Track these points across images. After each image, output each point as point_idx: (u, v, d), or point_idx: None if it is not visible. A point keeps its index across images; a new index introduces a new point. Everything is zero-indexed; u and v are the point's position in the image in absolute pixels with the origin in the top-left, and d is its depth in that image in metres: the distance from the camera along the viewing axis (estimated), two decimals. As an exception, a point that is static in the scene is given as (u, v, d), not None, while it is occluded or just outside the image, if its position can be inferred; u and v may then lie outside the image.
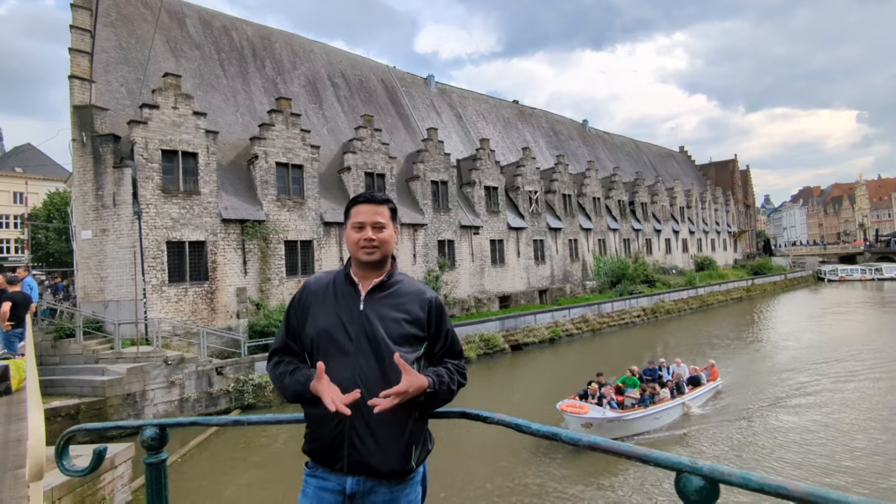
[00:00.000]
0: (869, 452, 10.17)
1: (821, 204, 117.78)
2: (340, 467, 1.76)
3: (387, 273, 1.92)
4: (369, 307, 1.84)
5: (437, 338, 1.91)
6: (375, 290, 1.87)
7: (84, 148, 15.80)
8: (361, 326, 1.81)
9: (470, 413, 1.91)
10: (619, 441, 1.47)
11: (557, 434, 1.57)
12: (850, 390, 14.55)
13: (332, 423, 1.75)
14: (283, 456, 11.18)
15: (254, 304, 17.96)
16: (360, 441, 1.74)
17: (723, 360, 18.38)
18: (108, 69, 17.94)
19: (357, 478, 1.75)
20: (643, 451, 1.40)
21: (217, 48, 22.67)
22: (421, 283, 2.03)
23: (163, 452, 2.12)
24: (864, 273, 54.95)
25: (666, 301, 32.17)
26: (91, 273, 15.85)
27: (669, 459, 1.34)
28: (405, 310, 1.86)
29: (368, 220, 1.87)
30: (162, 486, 2.09)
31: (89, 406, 12.52)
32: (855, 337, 23.19)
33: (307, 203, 19.97)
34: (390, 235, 1.89)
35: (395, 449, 1.76)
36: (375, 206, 1.89)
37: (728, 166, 61.57)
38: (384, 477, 1.76)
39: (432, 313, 1.90)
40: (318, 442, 1.81)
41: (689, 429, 12.14)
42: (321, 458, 1.81)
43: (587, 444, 1.50)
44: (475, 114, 35.69)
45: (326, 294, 1.89)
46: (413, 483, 1.84)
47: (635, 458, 1.41)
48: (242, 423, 2.21)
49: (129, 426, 2.38)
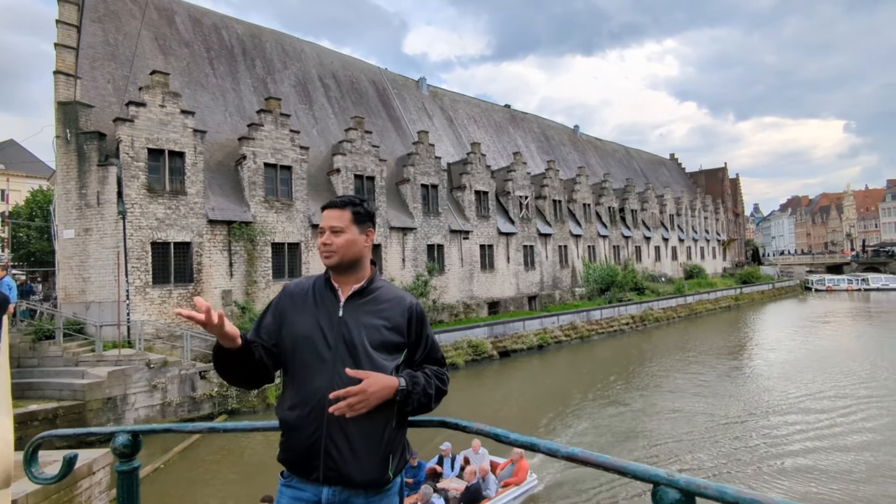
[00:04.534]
0: (855, 471, 10.17)
1: (809, 213, 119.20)
2: (316, 477, 1.69)
3: (367, 279, 1.88)
4: (348, 313, 1.80)
5: (418, 345, 1.87)
6: (355, 296, 1.84)
7: (68, 145, 15.56)
8: (340, 333, 1.76)
9: (449, 422, 1.87)
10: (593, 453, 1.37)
11: (535, 444, 1.49)
12: (840, 413, 14.42)
13: (307, 430, 1.69)
14: (262, 464, 11.00)
15: (240, 307, 17.74)
16: (336, 450, 1.67)
17: (707, 373, 18.44)
18: (94, 65, 17.71)
19: (333, 488, 1.69)
20: (620, 462, 1.32)
21: (206, 46, 22.49)
22: (401, 289, 1.98)
23: (135, 460, 2.04)
24: (850, 283, 55.55)
25: (655, 309, 32.27)
26: (73, 273, 15.57)
27: (647, 472, 1.27)
28: (385, 316, 1.82)
29: (326, 225, 1.86)
30: (134, 495, 2.01)
31: (68, 410, 12.25)
32: (846, 352, 23.34)
33: (295, 205, 19.81)
34: (348, 240, 1.84)
35: (373, 458, 1.70)
36: (335, 211, 1.87)
37: (718, 174, 62.13)
38: (361, 487, 1.69)
39: (413, 320, 1.86)
40: (292, 451, 1.73)
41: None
42: (296, 467, 1.74)
43: (564, 454, 1.42)
44: (467, 117, 35.73)
45: (306, 299, 1.86)
46: (391, 494, 1.77)
47: (613, 470, 1.33)
48: (218, 430, 2.13)
49: (100, 433, 2.27)
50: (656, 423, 13.16)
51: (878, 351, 21.70)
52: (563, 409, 14.01)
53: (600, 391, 16.36)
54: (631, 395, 15.98)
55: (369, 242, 1.91)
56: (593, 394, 16.11)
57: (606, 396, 15.75)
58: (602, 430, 12.58)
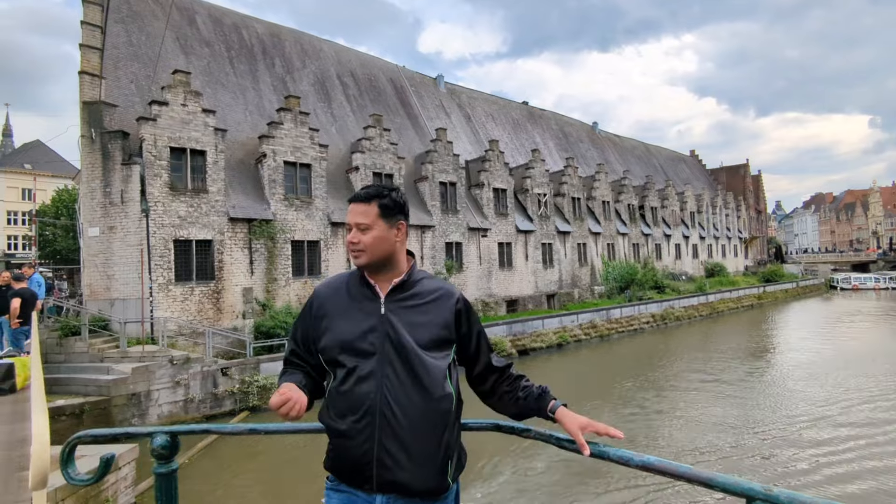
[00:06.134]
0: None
1: (833, 210, 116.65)
2: (370, 487, 1.59)
3: (406, 273, 1.74)
4: (391, 311, 1.67)
5: (469, 338, 1.75)
6: (395, 292, 1.71)
7: (93, 144, 15.75)
8: (385, 333, 1.64)
9: (504, 426, 1.74)
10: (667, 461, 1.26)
11: (604, 453, 1.38)
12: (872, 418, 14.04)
13: (358, 439, 1.58)
14: (286, 464, 11.01)
15: (260, 304, 17.83)
16: (390, 458, 1.56)
17: (730, 374, 18.05)
18: (117, 65, 17.92)
19: (388, 496, 1.59)
20: (705, 474, 1.21)
21: (227, 46, 22.64)
22: (443, 280, 1.84)
23: (174, 462, 1.98)
24: (878, 282, 54.18)
25: (675, 308, 31.78)
26: (98, 270, 15.77)
27: (739, 485, 1.15)
28: (431, 311, 1.69)
29: (352, 221, 1.73)
30: (173, 497, 1.94)
31: (93, 405, 12.40)
32: (877, 353, 22.74)
33: (315, 203, 19.85)
34: (376, 237, 1.69)
35: (431, 466, 1.59)
36: (361, 205, 1.72)
37: (739, 171, 61.02)
38: (418, 496, 1.59)
39: (462, 313, 1.73)
40: (342, 460, 1.64)
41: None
42: (346, 476, 1.64)
43: (638, 463, 1.31)
44: (484, 115, 35.53)
45: (340, 299, 1.73)
46: (448, 500, 1.67)
47: (697, 482, 1.21)
48: (259, 431, 2.06)
49: (138, 433, 2.22)
50: (677, 426, 12.90)
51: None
52: (578, 408, 13.80)
53: (620, 391, 16.13)
54: (651, 395, 15.72)
55: (401, 237, 1.76)
56: (612, 393, 15.89)
57: (626, 396, 15.52)
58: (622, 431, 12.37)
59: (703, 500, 8.48)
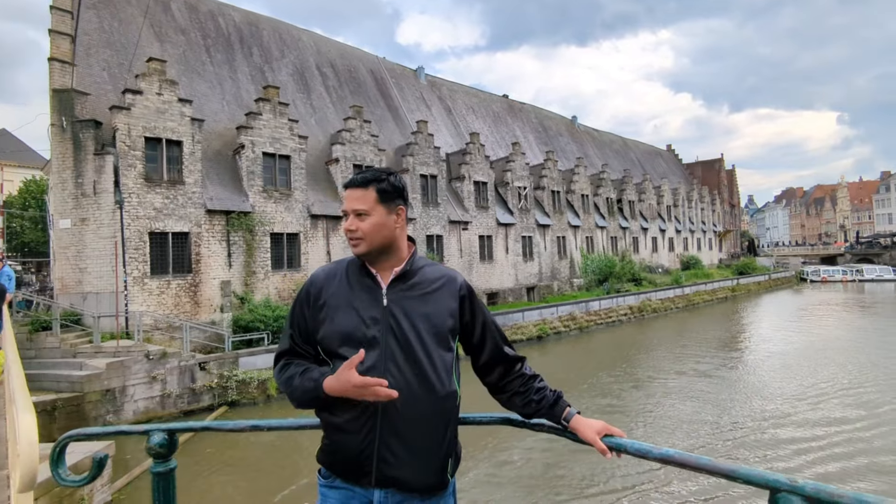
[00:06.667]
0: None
1: (803, 205, 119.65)
2: (368, 482, 1.54)
3: (407, 260, 1.66)
4: (394, 302, 1.60)
5: (474, 325, 1.69)
6: (398, 281, 1.63)
7: (63, 133, 15.26)
8: (388, 325, 1.57)
9: (515, 420, 1.69)
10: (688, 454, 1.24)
11: (622, 445, 1.35)
12: (835, 400, 14.55)
13: (359, 434, 1.52)
14: (265, 456, 10.90)
15: (238, 297, 17.56)
16: (391, 454, 1.51)
17: (706, 364, 18.42)
18: (89, 52, 17.37)
19: (386, 490, 1.53)
20: (727, 465, 1.19)
21: (203, 34, 22.12)
22: (446, 266, 1.77)
23: (172, 460, 1.89)
24: (845, 274, 55.80)
25: (652, 300, 32.28)
26: (69, 263, 15.34)
27: (763, 477, 1.14)
28: (435, 300, 1.62)
29: (349, 208, 1.64)
30: (171, 498, 1.86)
31: (66, 402, 12.08)
32: (843, 343, 23.43)
33: (294, 195, 19.58)
34: (375, 224, 1.61)
35: (433, 462, 1.55)
36: (357, 190, 1.63)
37: (714, 166, 62.11)
38: (418, 492, 1.54)
39: (465, 300, 1.67)
40: (339, 454, 1.57)
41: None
42: (344, 472, 1.58)
43: (657, 456, 1.28)
44: (465, 107, 35.44)
45: (339, 288, 1.64)
46: (447, 495, 1.63)
47: (719, 474, 1.20)
48: (262, 427, 1.98)
49: (133, 431, 2.13)
50: (655, 417, 13.12)
51: (875, 342, 21.78)
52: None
53: (598, 382, 16.34)
54: (628, 386, 15.95)
55: (401, 222, 1.67)
56: (591, 385, 16.09)
57: (604, 388, 15.72)
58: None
59: (701, 487, 8.65)
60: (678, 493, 8.51)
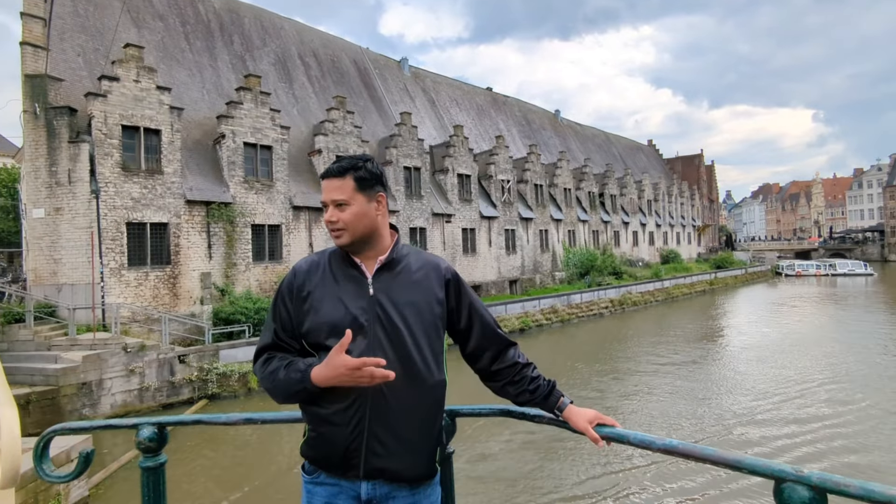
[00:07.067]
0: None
1: (779, 201, 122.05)
2: (355, 474, 1.50)
3: (391, 248, 1.63)
4: (380, 291, 1.56)
5: (459, 312, 1.66)
6: (383, 270, 1.60)
7: (37, 120, 14.82)
8: (375, 315, 1.53)
9: (514, 412, 1.67)
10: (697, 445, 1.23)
11: (624, 436, 1.34)
12: (808, 391, 14.90)
13: (347, 427, 1.48)
14: (252, 451, 10.80)
15: (219, 290, 17.32)
16: (380, 445, 1.49)
17: (684, 357, 18.70)
18: (63, 37, 16.87)
19: (374, 482, 1.51)
20: (733, 456, 1.19)
21: (182, 20, 21.62)
22: (429, 253, 1.74)
23: (161, 455, 1.84)
24: (819, 269, 57.02)
25: (633, 293, 32.66)
26: (43, 254, 14.95)
27: (769, 467, 1.13)
28: (421, 288, 1.59)
29: (327, 199, 1.60)
30: (161, 494, 1.80)
31: (41, 396, 11.81)
32: (816, 336, 23.98)
33: (276, 186, 19.33)
34: (356, 213, 1.57)
35: (422, 453, 1.54)
36: (334, 180, 1.59)
37: (694, 161, 62.93)
38: (407, 482, 1.53)
39: (451, 285, 1.65)
40: (326, 447, 1.53)
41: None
42: (330, 465, 1.54)
43: (661, 447, 1.27)
44: (449, 100, 35.31)
45: (323, 279, 1.60)
46: (435, 483, 1.62)
47: (723, 465, 1.19)
48: (255, 420, 1.92)
49: (122, 425, 2.06)
50: (636, 408, 13.31)
51: (846, 334, 22.36)
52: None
53: (580, 374, 16.50)
54: (609, 378, 16.15)
55: (382, 209, 1.63)
56: (573, 377, 16.24)
57: (585, 380, 15.88)
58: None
59: (701, 479, 8.78)
60: (673, 483, 8.64)
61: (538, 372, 1.71)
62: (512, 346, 1.74)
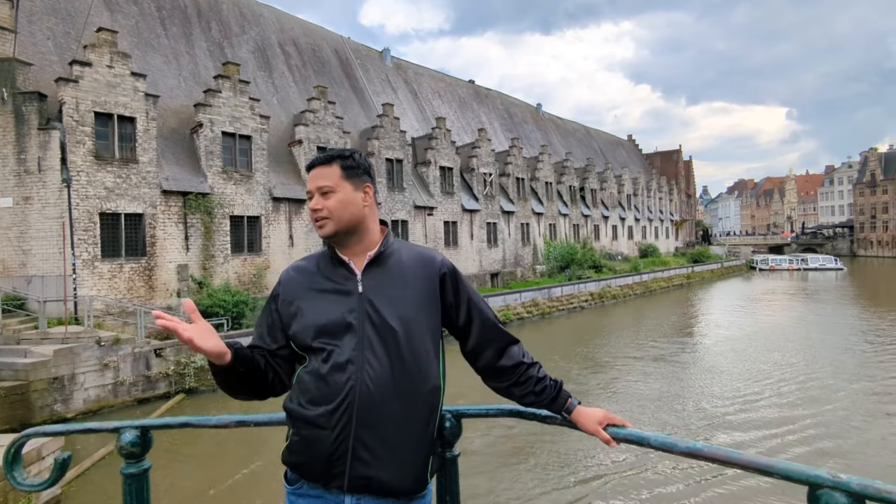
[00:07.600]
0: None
1: (754, 196, 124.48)
2: (339, 485, 1.39)
3: (381, 243, 1.54)
4: (370, 289, 1.47)
5: (458, 308, 1.57)
6: (373, 267, 1.50)
7: (4, 106, 14.26)
8: (365, 314, 1.44)
9: (525, 413, 1.57)
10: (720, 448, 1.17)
11: (645, 439, 1.26)
12: (781, 380, 15.22)
13: (333, 431, 1.38)
14: (233, 452, 10.60)
15: (196, 282, 16.97)
16: (368, 453, 1.38)
17: (662, 349, 18.94)
18: (31, 19, 16.24)
19: (359, 497, 1.40)
20: (763, 461, 1.12)
21: (157, 5, 20.99)
22: (423, 246, 1.66)
23: (145, 460, 1.71)
24: (791, 263, 58.36)
25: (612, 286, 32.98)
26: (11, 245, 14.44)
27: (803, 472, 1.07)
28: (414, 284, 1.50)
29: (313, 186, 1.52)
30: (145, 501, 1.68)
31: (9, 391, 11.41)
32: (787, 328, 24.50)
33: (255, 176, 18.97)
34: (341, 200, 1.49)
35: (414, 462, 1.43)
36: (321, 168, 1.52)
37: (672, 156, 63.73)
38: (394, 496, 1.41)
39: (446, 278, 1.55)
40: (309, 453, 1.42)
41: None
42: (312, 474, 1.43)
43: (683, 450, 1.20)
44: (431, 92, 35.07)
45: (311, 280, 1.52)
46: (426, 499, 1.51)
47: (754, 470, 1.13)
48: (248, 423, 1.80)
49: (101, 428, 1.91)
50: (616, 401, 13.43)
51: (814, 326, 22.91)
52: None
53: (559, 368, 16.59)
54: (589, 371, 16.28)
55: (370, 201, 1.56)
56: (553, 370, 16.33)
57: (565, 373, 15.98)
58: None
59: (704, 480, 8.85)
60: (674, 483, 8.71)
61: (544, 371, 1.61)
62: (515, 343, 1.64)
